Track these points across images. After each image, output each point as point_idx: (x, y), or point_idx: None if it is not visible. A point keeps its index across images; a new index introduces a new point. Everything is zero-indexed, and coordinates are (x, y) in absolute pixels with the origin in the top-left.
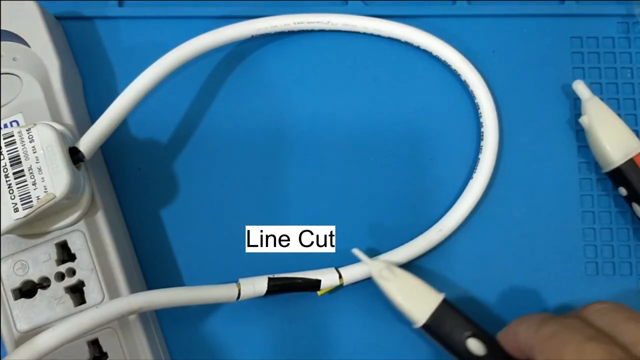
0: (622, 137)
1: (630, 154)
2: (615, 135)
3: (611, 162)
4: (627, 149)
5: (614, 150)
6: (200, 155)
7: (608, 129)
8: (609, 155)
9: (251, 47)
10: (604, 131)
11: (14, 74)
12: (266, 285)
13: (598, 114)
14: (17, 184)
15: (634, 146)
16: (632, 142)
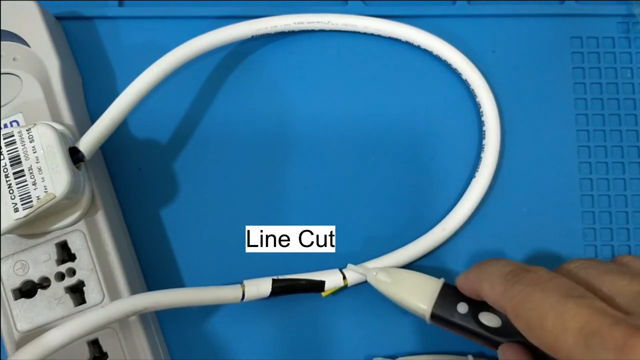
0: (419, 285)
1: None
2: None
3: (425, 313)
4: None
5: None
6: (200, 155)
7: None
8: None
9: (251, 47)
10: (398, 290)
11: (14, 74)
12: (270, 286)
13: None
14: (17, 184)
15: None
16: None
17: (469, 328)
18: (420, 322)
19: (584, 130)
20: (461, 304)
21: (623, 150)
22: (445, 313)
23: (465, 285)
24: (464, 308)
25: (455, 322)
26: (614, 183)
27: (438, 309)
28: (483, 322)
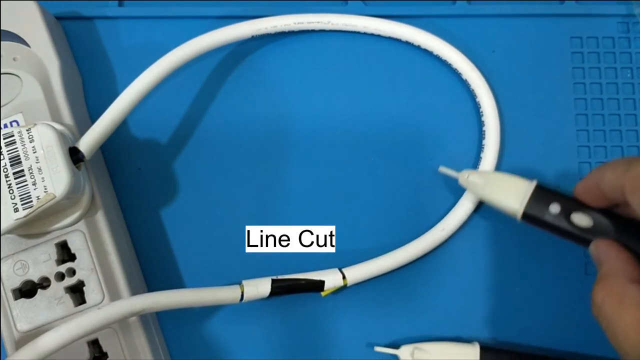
0: (512, 186)
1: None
2: (501, 188)
3: (516, 213)
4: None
5: (511, 201)
6: (200, 155)
7: (493, 187)
8: (511, 209)
9: (251, 47)
10: (494, 190)
11: (14, 74)
12: (269, 286)
13: (479, 184)
14: (17, 184)
15: (526, 187)
16: (522, 184)
17: (560, 227)
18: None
19: (584, 130)
20: (554, 204)
21: (623, 150)
22: (537, 212)
23: (583, 183)
24: (556, 208)
25: (547, 221)
26: None
27: (530, 209)
28: (575, 221)
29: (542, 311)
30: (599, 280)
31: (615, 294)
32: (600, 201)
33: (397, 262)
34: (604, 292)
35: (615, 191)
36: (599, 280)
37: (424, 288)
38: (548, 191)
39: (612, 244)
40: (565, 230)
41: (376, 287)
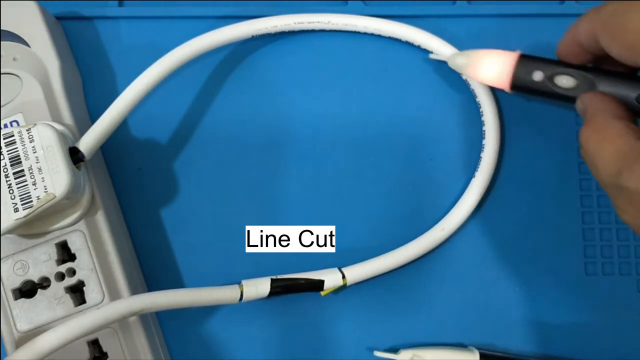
0: (496, 61)
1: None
2: (489, 63)
3: (504, 84)
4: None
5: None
6: (200, 155)
7: (477, 65)
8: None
9: (251, 47)
10: (479, 67)
11: (14, 74)
12: (269, 286)
13: (464, 64)
14: (17, 184)
15: (510, 59)
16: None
17: (547, 92)
18: (419, 321)
19: None
20: (537, 71)
21: None
22: (523, 81)
23: (563, 41)
24: (540, 75)
25: (534, 88)
26: None
27: (517, 79)
28: (560, 84)
29: (542, 313)
30: (584, 123)
31: (599, 130)
32: (582, 56)
33: (397, 261)
34: (589, 130)
35: (590, 40)
36: (584, 123)
37: (423, 287)
38: (531, 59)
39: (596, 93)
40: (553, 93)
41: (376, 287)
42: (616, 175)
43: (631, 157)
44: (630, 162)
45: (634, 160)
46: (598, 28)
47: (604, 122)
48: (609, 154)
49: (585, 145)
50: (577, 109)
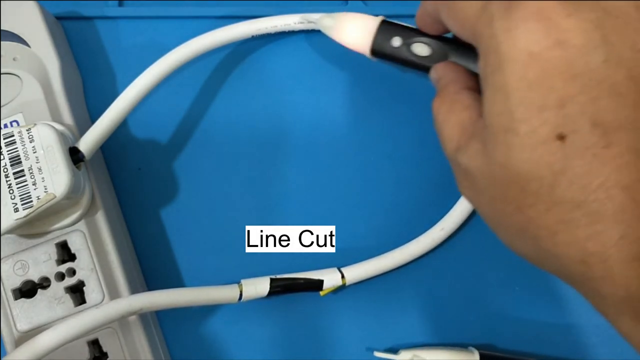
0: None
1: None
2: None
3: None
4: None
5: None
6: (200, 155)
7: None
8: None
9: (251, 47)
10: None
11: (14, 74)
12: (268, 285)
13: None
14: (17, 184)
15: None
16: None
17: (403, 58)
18: (419, 321)
19: None
20: (396, 37)
21: None
22: (382, 47)
23: (418, 12)
24: (398, 41)
25: (391, 54)
26: None
27: (376, 45)
28: (416, 51)
29: (542, 313)
30: (436, 94)
31: (448, 101)
32: (434, 27)
33: (397, 261)
34: (439, 100)
35: (435, 13)
36: (436, 94)
37: (423, 287)
38: (393, 25)
39: (449, 63)
40: (409, 61)
41: (375, 287)
42: (455, 150)
43: (469, 132)
44: (467, 137)
45: (470, 135)
46: (438, 2)
47: (453, 92)
48: (453, 125)
49: (435, 115)
50: (431, 78)
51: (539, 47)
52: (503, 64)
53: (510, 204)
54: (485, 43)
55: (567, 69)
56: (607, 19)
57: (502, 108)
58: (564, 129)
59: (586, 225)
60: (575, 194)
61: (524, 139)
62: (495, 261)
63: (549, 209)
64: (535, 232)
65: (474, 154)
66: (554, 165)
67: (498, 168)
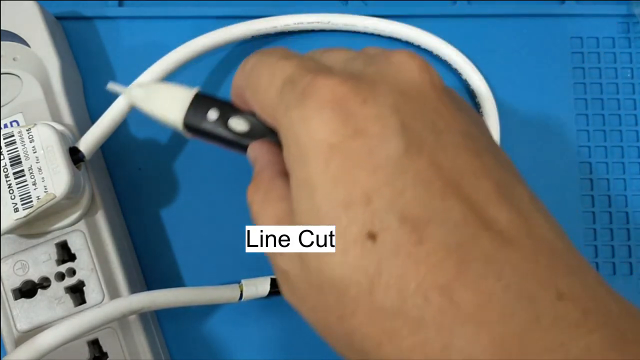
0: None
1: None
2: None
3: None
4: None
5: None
6: (200, 155)
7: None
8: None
9: (251, 48)
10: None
11: (14, 74)
12: (269, 286)
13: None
14: (17, 184)
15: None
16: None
17: (220, 135)
18: None
19: (584, 130)
20: (212, 110)
21: (623, 150)
22: (196, 121)
23: (232, 89)
24: (214, 114)
25: (206, 129)
26: (614, 183)
27: (189, 118)
28: (232, 127)
29: None
30: (252, 179)
31: (263, 189)
32: (247, 107)
33: None
34: (253, 188)
35: (241, 92)
36: (252, 179)
37: None
38: (208, 98)
39: (264, 143)
40: (225, 138)
41: None
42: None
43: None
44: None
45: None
46: (243, 84)
47: (268, 179)
48: (269, 219)
49: (250, 204)
50: (249, 157)
51: (337, 138)
52: (304, 156)
53: (331, 313)
54: (285, 132)
55: (369, 160)
56: (404, 102)
57: (308, 205)
58: (373, 226)
59: (408, 335)
60: (393, 301)
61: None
62: None
63: (370, 317)
64: (360, 344)
65: (290, 257)
66: (369, 268)
67: (314, 273)
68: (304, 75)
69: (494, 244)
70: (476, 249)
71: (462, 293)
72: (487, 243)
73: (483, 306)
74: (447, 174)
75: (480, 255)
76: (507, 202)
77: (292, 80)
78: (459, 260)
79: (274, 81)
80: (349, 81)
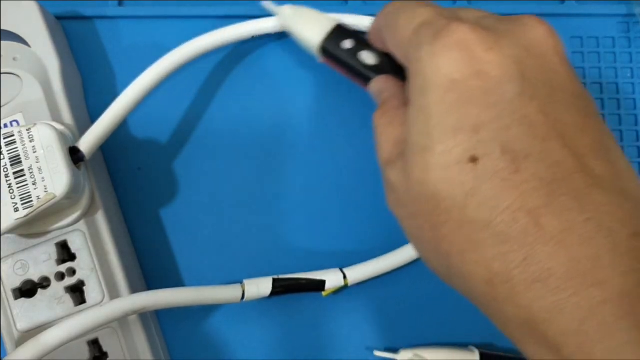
0: (316, 21)
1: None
2: (307, 22)
3: (314, 45)
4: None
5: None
6: (200, 155)
7: (300, 21)
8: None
9: (251, 47)
10: (297, 24)
11: (14, 73)
12: (271, 286)
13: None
14: (17, 184)
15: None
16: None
17: (348, 63)
18: (420, 321)
19: None
20: (348, 40)
21: (623, 150)
22: (332, 47)
23: (371, 27)
24: (348, 44)
25: (338, 56)
26: None
27: (327, 43)
28: (362, 59)
29: None
30: (378, 106)
31: (389, 114)
32: (382, 45)
33: (399, 261)
34: (380, 113)
35: (381, 33)
36: (378, 106)
37: (424, 287)
38: (347, 30)
39: (391, 77)
40: (353, 66)
41: (377, 287)
42: (386, 163)
43: (399, 149)
44: (397, 153)
45: (399, 152)
46: (382, 23)
47: (394, 107)
48: (388, 139)
49: (375, 126)
50: (370, 89)
51: (460, 75)
52: (426, 86)
53: (426, 220)
54: (413, 66)
55: (484, 98)
56: (526, 57)
57: (422, 128)
58: (476, 152)
59: (492, 245)
60: (483, 215)
61: (439, 158)
62: None
63: (460, 227)
64: (447, 249)
65: (399, 170)
66: (465, 186)
67: (416, 185)
68: (439, 20)
69: (584, 184)
70: (567, 185)
71: (548, 218)
72: (579, 182)
73: (565, 231)
74: (553, 123)
75: (569, 191)
76: (604, 157)
77: (429, 22)
78: (550, 192)
79: (412, 22)
80: (478, 30)
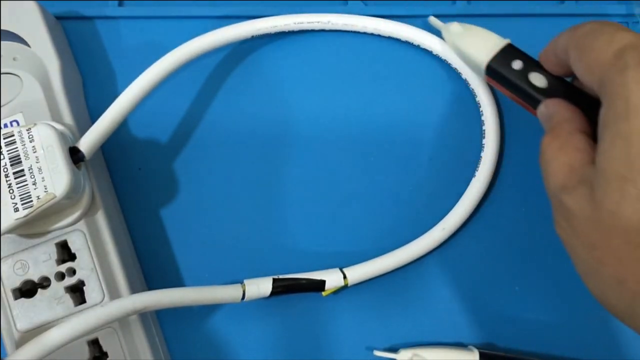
0: (485, 39)
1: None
2: (475, 40)
3: (481, 63)
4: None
5: (479, 53)
6: (200, 155)
7: (468, 38)
8: (477, 59)
9: (251, 47)
10: (465, 41)
11: (14, 74)
12: (271, 286)
13: (456, 33)
14: (17, 184)
15: (496, 42)
16: (495, 39)
17: (517, 84)
18: (420, 322)
19: None
20: (517, 60)
21: None
22: (500, 67)
23: (545, 49)
24: (518, 65)
25: (506, 76)
26: None
27: (494, 62)
28: (531, 80)
29: (542, 312)
30: (548, 130)
31: (560, 139)
32: (558, 68)
33: (398, 261)
34: (550, 138)
35: (564, 54)
36: (548, 130)
37: (423, 287)
38: (517, 50)
39: (563, 101)
40: (521, 88)
41: (377, 287)
42: (560, 189)
43: (578, 175)
44: (576, 179)
45: (580, 178)
46: (571, 44)
47: (567, 132)
48: (561, 164)
49: (544, 151)
50: (539, 112)
51: None
52: (630, 113)
53: (612, 253)
54: (615, 90)
55: None
56: None
57: (621, 156)
58: None
59: None
60: None
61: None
62: (496, 261)
63: None
64: (637, 287)
65: (580, 197)
66: None
67: (606, 215)
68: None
69: None
70: None
71: None
72: None
73: None
74: None
75: None
76: None
77: (635, 46)
78: None
79: (612, 45)
80: None
